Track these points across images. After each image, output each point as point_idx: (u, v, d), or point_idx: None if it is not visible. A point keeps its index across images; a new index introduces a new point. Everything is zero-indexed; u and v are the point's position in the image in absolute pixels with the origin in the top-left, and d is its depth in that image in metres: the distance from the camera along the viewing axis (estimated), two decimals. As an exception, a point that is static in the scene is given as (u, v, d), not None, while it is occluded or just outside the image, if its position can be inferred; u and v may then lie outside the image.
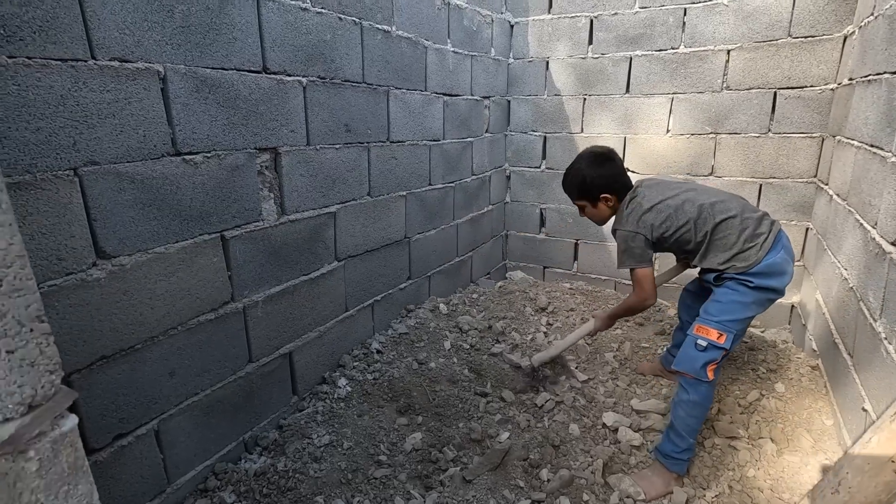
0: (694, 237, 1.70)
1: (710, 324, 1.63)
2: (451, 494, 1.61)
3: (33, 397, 0.31)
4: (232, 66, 1.51)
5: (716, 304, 1.67)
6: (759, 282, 1.62)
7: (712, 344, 1.61)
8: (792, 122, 2.67)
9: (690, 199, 1.72)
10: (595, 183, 1.82)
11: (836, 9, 2.45)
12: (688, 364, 1.64)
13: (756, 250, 1.64)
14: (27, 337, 0.30)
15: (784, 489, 1.69)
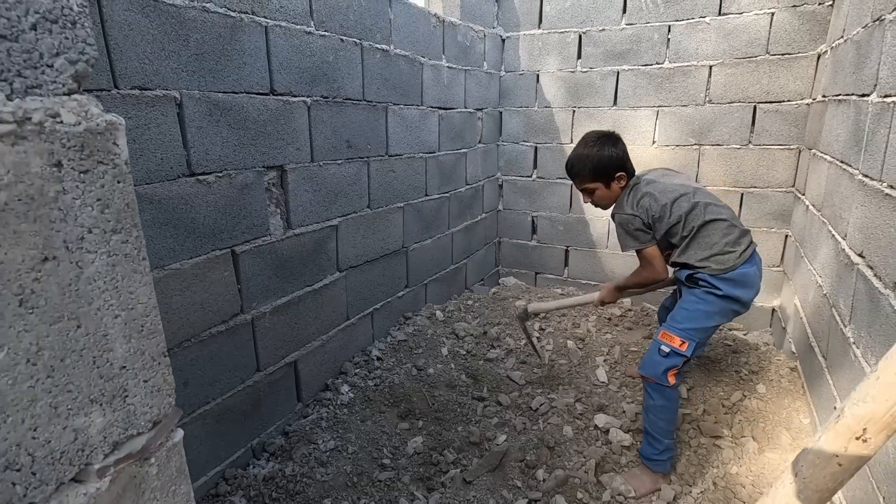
0: (681, 231, 1.75)
1: (674, 331, 1.69)
2: (453, 495, 1.69)
3: (157, 416, 0.39)
4: (242, 89, 1.59)
5: (682, 311, 1.74)
6: (728, 290, 1.69)
7: (674, 351, 1.67)
8: (771, 135, 2.80)
9: (687, 196, 1.78)
10: (612, 162, 1.83)
11: (811, 28, 2.59)
12: (650, 369, 1.71)
13: (735, 256, 1.71)
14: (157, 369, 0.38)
15: (764, 484, 1.80)
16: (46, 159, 0.29)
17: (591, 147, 1.85)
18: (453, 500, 1.67)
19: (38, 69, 0.29)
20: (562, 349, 2.65)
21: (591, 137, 1.89)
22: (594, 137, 1.88)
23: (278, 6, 1.68)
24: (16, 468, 0.31)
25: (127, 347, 0.36)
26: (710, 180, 2.99)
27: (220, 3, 1.48)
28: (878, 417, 0.54)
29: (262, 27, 1.63)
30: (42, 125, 0.29)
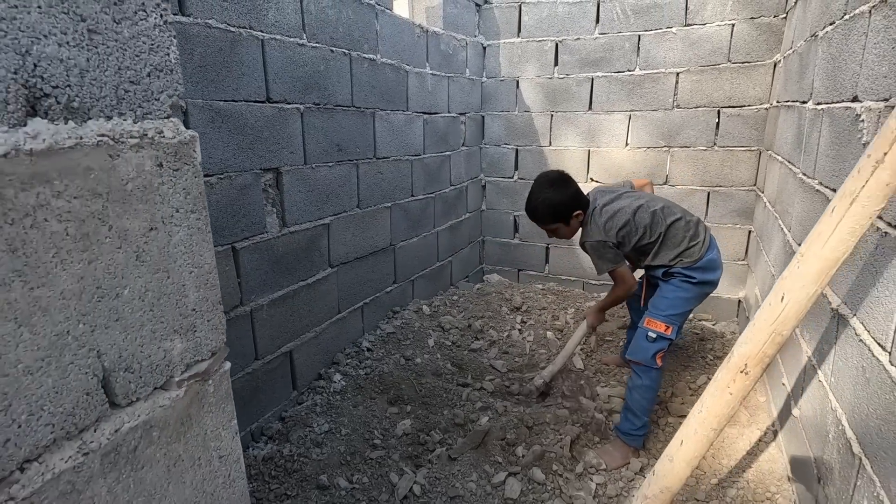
0: (649, 238, 1.94)
1: (658, 318, 1.88)
2: (439, 470, 1.83)
3: (215, 348, 0.53)
4: (241, 97, 1.72)
5: (663, 299, 1.93)
6: (701, 276, 1.89)
7: (661, 335, 1.87)
8: (734, 137, 3.00)
9: (643, 206, 1.95)
10: (567, 204, 1.97)
11: (767, 39, 2.80)
12: (640, 354, 1.89)
13: (699, 248, 1.91)
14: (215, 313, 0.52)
15: (723, 456, 1.98)
16: (154, 161, 0.43)
17: (547, 193, 1.98)
18: (439, 474, 1.81)
19: (150, 102, 0.43)
20: (542, 340, 2.81)
21: (545, 183, 2.01)
22: (547, 183, 2.01)
23: (273, 21, 1.82)
24: (131, 371, 0.45)
25: (197, 295, 0.50)
26: (680, 180, 3.19)
27: (220, 20, 1.62)
28: (754, 354, 0.70)
29: (259, 40, 1.77)
30: (153, 139, 0.43)
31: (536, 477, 1.80)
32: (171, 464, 0.51)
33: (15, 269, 0.35)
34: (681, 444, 0.82)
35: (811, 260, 0.69)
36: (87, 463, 0.42)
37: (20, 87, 0.34)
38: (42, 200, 0.36)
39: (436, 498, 1.72)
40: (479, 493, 1.75)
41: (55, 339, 0.38)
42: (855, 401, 1.10)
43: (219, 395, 0.55)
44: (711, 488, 1.79)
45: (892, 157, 0.62)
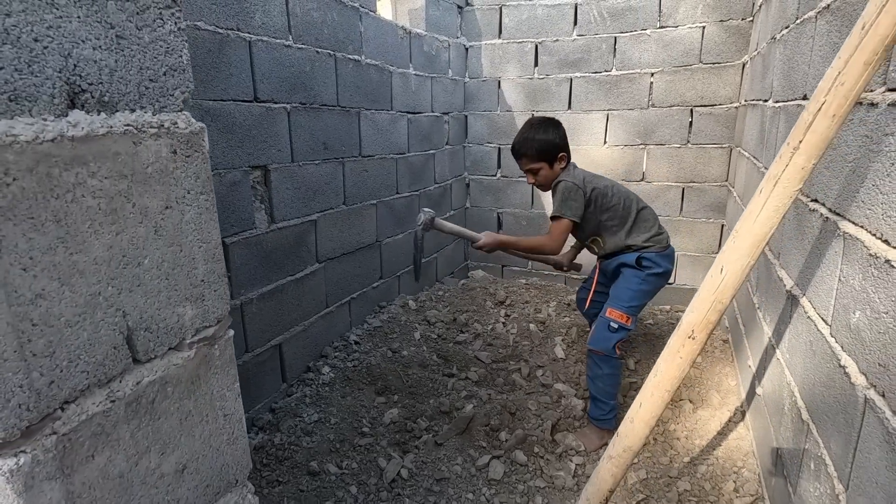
0: (620, 211, 1.99)
1: (621, 308, 1.94)
2: (426, 455, 1.91)
3: (221, 315, 0.60)
4: (229, 97, 1.78)
5: (627, 290, 1.98)
6: (666, 266, 1.99)
7: (622, 326, 1.93)
8: (706, 135, 3.13)
9: (618, 186, 2.05)
10: (555, 144, 1.97)
11: (736, 41, 2.93)
12: (602, 343, 1.94)
13: (666, 237, 2.04)
14: (221, 283, 0.59)
15: (696, 437, 2.08)
16: (169, 148, 0.50)
17: (535, 131, 2.00)
18: (426, 459, 1.89)
19: (166, 97, 0.50)
20: (525, 332, 2.90)
21: (535, 122, 2.03)
22: (537, 122, 2.03)
23: (260, 23, 1.88)
24: (150, 331, 0.51)
25: (205, 267, 0.57)
26: (656, 177, 3.31)
27: (209, 22, 1.67)
28: (699, 322, 0.80)
29: (247, 42, 1.83)
30: (169, 129, 0.50)
31: (519, 459, 1.89)
32: (183, 417, 0.57)
33: (59, 236, 0.42)
34: (640, 406, 0.91)
35: (744, 235, 0.78)
36: (114, 409, 0.49)
37: (63, 83, 0.40)
38: (80, 179, 0.43)
39: (423, 480, 1.79)
40: (465, 476, 1.82)
41: (90, 298, 0.45)
42: (804, 373, 1.20)
43: (224, 358, 0.62)
44: (684, 466, 1.90)
45: (805, 144, 0.72)
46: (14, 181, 0.37)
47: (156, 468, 0.55)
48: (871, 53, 0.65)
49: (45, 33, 0.39)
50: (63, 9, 0.40)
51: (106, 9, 0.42)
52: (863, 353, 0.90)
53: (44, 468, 0.43)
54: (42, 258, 0.41)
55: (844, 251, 1.00)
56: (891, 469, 0.77)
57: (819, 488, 1.05)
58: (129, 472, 0.51)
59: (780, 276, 1.52)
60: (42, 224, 0.40)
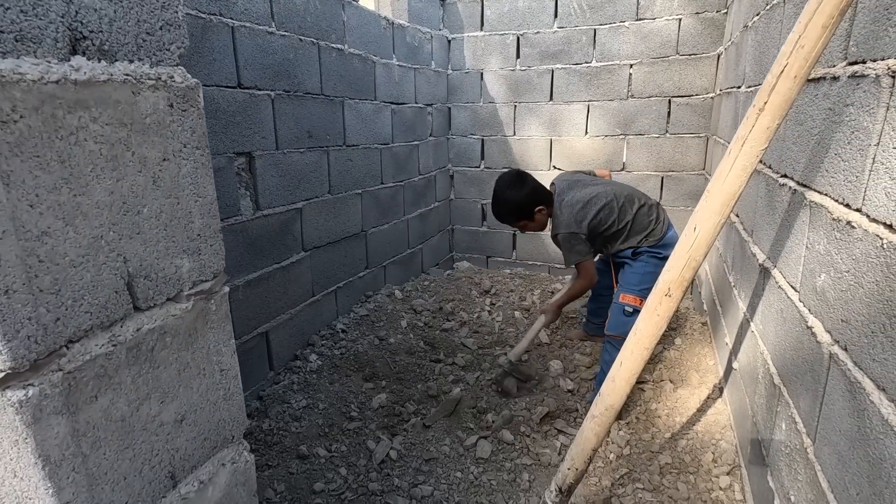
0: (618, 225, 2.04)
1: (633, 292, 2.00)
2: (414, 437, 1.93)
3: (216, 271, 0.62)
4: (212, 82, 1.78)
5: (635, 275, 2.04)
6: (666, 252, 2.03)
7: (636, 309, 1.99)
8: (683, 125, 3.21)
9: (612, 195, 2.04)
10: (526, 202, 2.04)
11: (711, 33, 3.01)
12: (621, 328, 1.96)
13: (660, 228, 2.06)
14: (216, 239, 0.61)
15: (676, 414, 2.14)
16: (167, 101, 0.51)
17: (506, 194, 2.06)
18: (415, 440, 1.91)
19: (162, 51, 0.51)
20: (510, 319, 2.95)
21: (503, 186, 2.08)
22: (505, 186, 2.07)
23: (243, 9, 1.88)
24: (149, 279, 0.53)
25: (201, 222, 0.58)
26: (636, 166, 3.38)
27: (191, 6, 1.67)
28: (675, 279, 0.84)
29: (229, 27, 1.83)
30: (166, 82, 0.51)
31: (506, 438, 1.93)
32: (182, 368, 0.59)
33: (63, 177, 0.43)
34: (620, 364, 0.95)
35: (715, 195, 0.82)
36: (115, 353, 0.51)
37: (66, 29, 0.42)
38: (83, 123, 0.44)
39: (412, 461, 1.82)
40: (453, 455, 1.86)
41: (92, 240, 0.46)
42: (776, 340, 1.26)
43: (220, 314, 0.63)
44: (665, 441, 1.96)
45: (770, 105, 0.77)
46: (21, 118, 0.39)
47: (156, 416, 0.56)
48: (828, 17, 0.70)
49: (47, -23, 0.40)
50: (64, -45, 0.41)
51: (105, -41, 0.44)
52: (827, 313, 0.95)
53: (51, 402, 0.44)
54: (48, 196, 0.42)
55: (811, 219, 1.06)
56: (852, 416, 0.82)
57: (789, 445, 1.10)
58: (130, 417, 0.53)
59: (753, 251, 1.58)
60: (47, 163, 0.42)
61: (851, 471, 0.82)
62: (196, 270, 0.59)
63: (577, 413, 2.13)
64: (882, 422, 0.73)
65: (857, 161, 0.86)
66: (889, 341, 0.73)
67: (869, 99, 0.83)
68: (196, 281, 0.60)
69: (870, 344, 0.79)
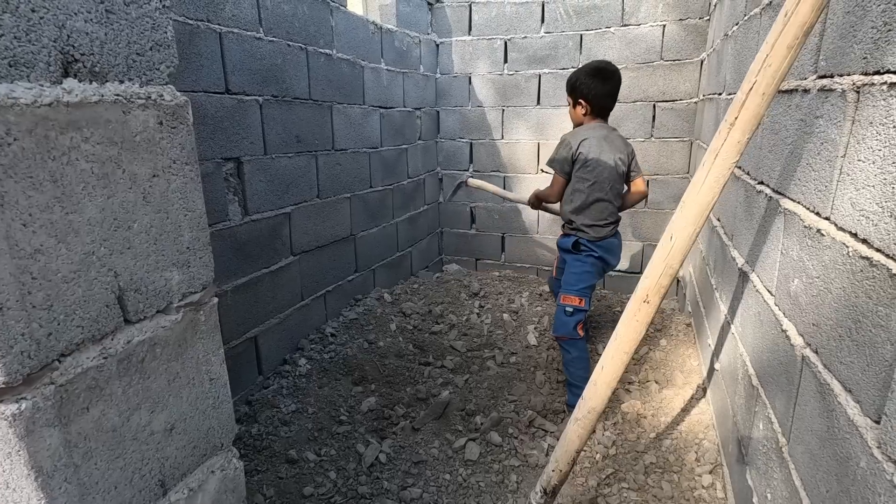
0: (584, 189, 2.08)
1: (571, 293, 2.07)
2: (403, 440, 1.95)
3: (206, 282, 0.63)
4: (200, 88, 1.78)
5: (572, 275, 2.12)
6: (601, 253, 2.11)
7: (577, 308, 2.06)
8: (668, 129, 3.26)
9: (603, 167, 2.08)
10: (577, 86, 2.07)
11: (694, 39, 3.06)
12: (563, 328, 2.07)
13: (607, 230, 2.13)
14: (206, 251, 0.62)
15: (661, 415, 2.18)
16: (156, 119, 0.53)
17: (583, 67, 2.12)
18: (404, 443, 1.93)
19: (152, 70, 0.53)
20: (499, 322, 2.97)
21: (591, 63, 2.14)
22: (592, 64, 2.13)
23: (230, 15, 1.88)
24: (140, 292, 0.54)
25: (190, 235, 0.60)
26: (621, 169, 3.42)
27: (179, 12, 1.67)
28: (652, 286, 0.87)
29: (217, 33, 1.83)
30: (156, 101, 0.53)
31: (494, 440, 1.95)
32: (171, 378, 0.60)
33: (55, 196, 0.45)
34: (602, 368, 0.98)
35: (690, 205, 0.86)
36: (107, 365, 0.52)
37: (58, 53, 0.43)
38: (75, 143, 0.45)
39: (401, 464, 1.83)
40: (441, 458, 1.87)
41: (84, 256, 0.48)
42: (754, 342, 1.30)
43: (209, 324, 0.65)
44: (650, 441, 1.99)
45: (740, 120, 0.80)
46: (15, 141, 0.40)
47: (146, 425, 0.58)
48: (793, 38, 0.74)
49: (41, 4, 0.41)
50: (57, -18, 0.42)
51: (96, -16, 0.45)
52: (800, 317, 0.99)
53: (43, 415, 0.46)
54: (41, 215, 0.43)
55: (785, 226, 1.09)
56: (822, 416, 0.86)
57: (766, 444, 1.14)
58: (121, 427, 0.54)
59: (733, 255, 1.62)
60: (40, 183, 0.43)
61: (822, 469, 0.85)
62: (185, 282, 0.61)
63: (565, 414, 2.16)
64: (848, 422, 0.76)
65: (826, 171, 0.90)
66: (855, 345, 0.77)
67: (836, 112, 0.87)
68: (186, 293, 0.61)
69: (838, 347, 0.82)
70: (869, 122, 0.76)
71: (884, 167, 0.71)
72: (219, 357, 0.68)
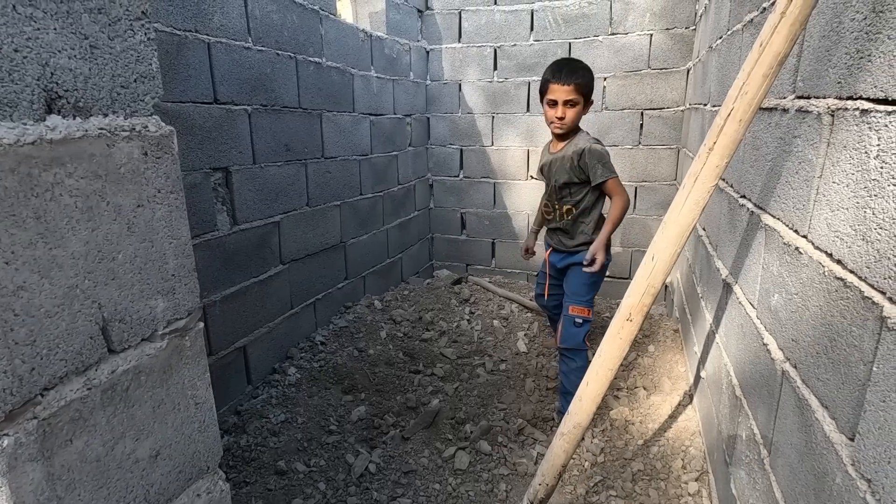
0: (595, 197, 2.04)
1: (580, 304, 2.05)
2: (393, 449, 1.95)
3: (191, 308, 0.63)
4: (188, 99, 1.77)
5: (582, 286, 2.08)
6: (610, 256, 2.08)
7: (585, 319, 2.05)
8: (655, 137, 3.30)
9: None
10: (592, 83, 1.95)
11: (681, 48, 3.11)
12: (572, 340, 2.05)
13: None
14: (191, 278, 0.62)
15: (649, 421, 2.21)
16: (141, 150, 0.53)
17: (583, 65, 1.95)
18: (394, 453, 1.93)
19: (137, 102, 0.53)
20: (489, 328, 2.98)
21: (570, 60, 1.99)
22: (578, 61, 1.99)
23: (219, 25, 1.88)
24: (124, 322, 0.54)
25: (175, 262, 0.60)
26: (610, 176, 3.46)
27: (166, 23, 1.67)
28: (635, 305, 0.89)
29: (205, 43, 1.83)
30: (140, 132, 0.53)
31: (483, 449, 1.96)
32: (156, 405, 0.61)
33: (38, 232, 0.45)
34: (587, 384, 0.99)
35: (671, 226, 0.88)
36: (91, 396, 0.52)
37: (41, 90, 0.43)
38: (58, 179, 0.46)
39: (390, 474, 1.84)
40: (431, 467, 1.88)
41: (67, 290, 0.48)
42: (737, 353, 1.32)
43: (194, 349, 0.65)
44: (637, 448, 2.01)
45: (718, 146, 0.83)
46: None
47: (131, 453, 0.58)
48: (768, 67, 0.76)
49: (24, 44, 0.42)
50: (41, 21, 0.43)
51: (80, 21, 0.46)
52: (780, 331, 1.01)
53: (26, 450, 0.46)
54: (23, 252, 0.43)
55: (766, 241, 1.12)
56: (801, 430, 0.88)
57: (749, 455, 1.16)
58: (105, 457, 0.54)
59: (717, 266, 1.65)
60: (23, 221, 0.43)
61: (801, 482, 0.87)
62: (171, 309, 0.61)
63: (553, 422, 2.18)
64: (825, 438, 0.78)
65: (804, 190, 0.92)
66: (830, 362, 0.79)
67: (813, 134, 0.89)
68: (170, 320, 0.61)
69: (815, 363, 0.84)
70: (843, 145, 0.78)
71: (857, 191, 0.73)
72: (204, 381, 0.68)
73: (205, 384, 0.68)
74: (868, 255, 0.69)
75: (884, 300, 0.65)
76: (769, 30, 0.76)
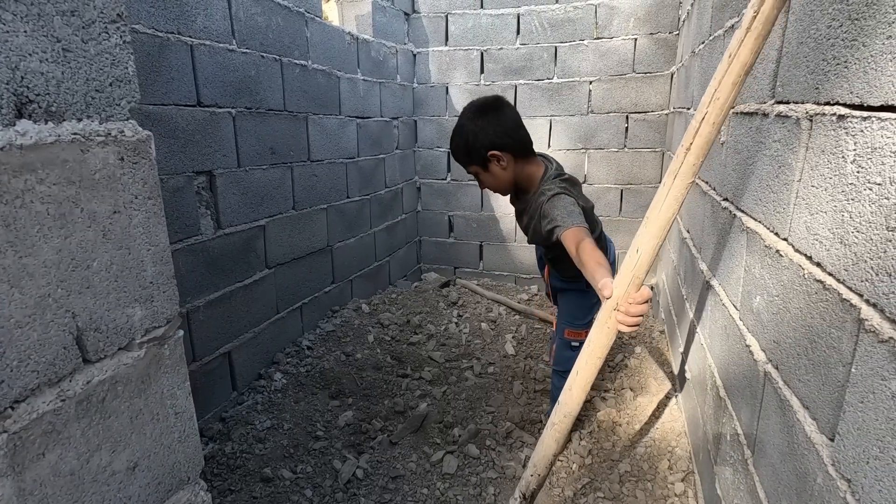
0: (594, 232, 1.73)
1: (577, 327, 1.90)
2: (381, 454, 1.94)
3: (170, 316, 0.62)
4: (171, 101, 1.75)
5: (582, 308, 1.93)
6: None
7: (581, 342, 1.94)
8: (641, 140, 3.34)
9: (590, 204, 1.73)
10: (478, 138, 1.44)
11: (665, 52, 3.15)
12: (566, 363, 1.76)
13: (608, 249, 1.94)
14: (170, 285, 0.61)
15: (636, 422, 2.22)
16: (117, 155, 0.52)
17: (463, 119, 1.51)
18: (381, 458, 1.92)
19: (112, 107, 0.52)
20: (477, 331, 2.98)
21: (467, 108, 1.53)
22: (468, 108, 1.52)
23: (202, 27, 1.86)
24: (100, 331, 0.53)
25: (154, 269, 0.59)
26: (597, 179, 3.49)
27: (148, 25, 1.64)
28: (621, 296, 0.93)
29: (188, 45, 1.80)
30: (116, 137, 0.52)
31: (472, 453, 1.95)
32: (134, 416, 0.59)
33: (8, 240, 0.43)
34: (576, 374, 1.02)
35: (653, 221, 0.92)
36: (64, 408, 0.51)
37: (11, 94, 0.42)
38: (29, 186, 0.44)
39: (378, 479, 1.82)
40: (419, 472, 1.87)
41: (39, 300, 0.47)
42: (721, 354, 1.34)
43: (174, 358, 0.64)
44: (625, 449, 2.02)
45: (694, 146, 0.87)
46: (-36, 188, 0.39)
47: (107, 466, 0.56)
48: (737, 76, 0.82)
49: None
50: (10, 24, 0.41)
51: (52, 24, 0.44)
52: (762, 333, 1.02)
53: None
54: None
55: (748, 244, 1.13)
56: (783, 431, 0.89)
57: (733, 455, 1.17)
58: (80, 470, 0.53)
59: (701, 268, 1.66)
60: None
61: (783, 483, 0.88)
62: (149, 318, 0.60)
63: (541, 424, 2.18)
64: (806, 438, 0.79)
65: (784, 194, 0.93)
66: (811, 363, 0.80)
67: (792, 138, 0.90)
68: (149, 328, 0.60)
69: (796, 365, 0.85)
70: (821, 150, 0.80)
71: (834, 195, 0.75)
72: (184, 390, 0.66)
73: (185, 393, 0.67)
74: (846, 257, 0.70)
75: (861, 302, 0.66)
76: (736, 43, 0.83)
